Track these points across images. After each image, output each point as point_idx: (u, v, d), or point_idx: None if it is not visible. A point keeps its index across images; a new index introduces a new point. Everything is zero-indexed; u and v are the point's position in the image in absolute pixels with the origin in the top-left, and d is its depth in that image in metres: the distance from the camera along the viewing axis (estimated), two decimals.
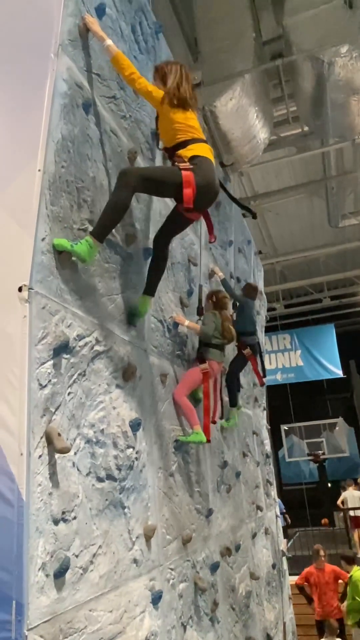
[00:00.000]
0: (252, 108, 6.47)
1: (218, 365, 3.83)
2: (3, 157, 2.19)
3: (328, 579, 6.72)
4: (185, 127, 2.69)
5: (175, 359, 3.57)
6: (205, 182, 2.55)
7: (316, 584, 6.76)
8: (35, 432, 1.86)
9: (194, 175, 2.51)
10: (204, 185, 2.55)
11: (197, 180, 2.52)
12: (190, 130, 2.70)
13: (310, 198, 9.97)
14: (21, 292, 1.97)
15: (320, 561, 6.85)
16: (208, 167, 2.61)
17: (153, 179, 2.56)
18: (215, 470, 4.14)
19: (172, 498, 3.09)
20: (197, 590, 3.21)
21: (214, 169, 2.66)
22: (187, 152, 2.61)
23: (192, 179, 2.49)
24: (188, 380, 3.54)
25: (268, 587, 5.58)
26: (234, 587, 4.14)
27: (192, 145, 2.64)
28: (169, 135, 2.75)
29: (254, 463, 5.81)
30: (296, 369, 14.06)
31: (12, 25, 2.39)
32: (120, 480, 2.45)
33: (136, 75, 2.63)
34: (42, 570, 1.78)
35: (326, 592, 6.69)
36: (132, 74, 2.62)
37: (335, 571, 6.79)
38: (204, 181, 2.55)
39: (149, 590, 2.55)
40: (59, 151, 2.24)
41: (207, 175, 2.57)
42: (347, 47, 5.81)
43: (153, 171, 2.74)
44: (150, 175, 2.58)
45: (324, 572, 6.77)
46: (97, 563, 2.13)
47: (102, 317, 2.53)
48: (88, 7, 2.61)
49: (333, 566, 6.88)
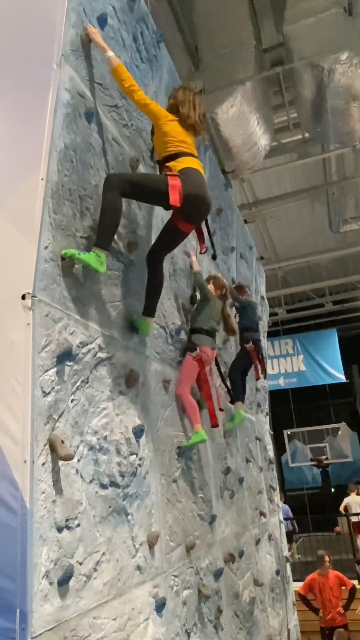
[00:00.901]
0: (253, 115, 6.51)
1: (212, 351, 3.75)
2: (7, 166, 2.21)
3: (332, 585, 6.67)
4: (177, 140, 2.72)
5: (178, 365, 3.57)
6: (194, 192, 2.56)
7: (320, 590, 6.72)
8: (39, 439, 1.87)
9: (182, 183, 2.52)
10: (194, 195, 2.56)
11: (186, 190, 2.52)
12: (182, 145, 2.71)
13: (312, 203, 10.00)
14: (24, 299, 1.98)
15: (325, 567, 6.81)
16: (198, 179, 2.61)
17: (137, 183, 2.59)
18: (219, 476, 4.13)
19: (176, 504, 3.09)
20: (200, 597, 3.20)
21: (204, 182, 2.66)
22: (176, 165, 2.63)
23: (178, 184, 2.50)
24: (186, 373, 3.48)
25: (272, 594, 5.55)
26: (238, 594, 4.13)
27: (182, 159, 2.65)
28: (161, 147, 2.77)
29: (257, 469, 5.80)
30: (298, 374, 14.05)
31: (15, 36, 2.42)
32: (124, 487, 2.45)
33: (135, 87, 2.66)
34: (46, 578, 1.78)
35: (330, 598, 6.64)
36: (132, 86, 2.65)
37: (339, 577, 6.74)
38: (194, 191, 2.56)
39: (152, 597, 2.54)
40: (62, 160, 2.26)
41: (196, 186, 2.57)
42: (347, 54, 5.85)
43: (137, 176, 2.75)
44: (133, 179, 2.61)
45: (327, 578, 6.73)
46: (101, 570, 2.13)
47: (105, 324, 2.54)
48: (90, 18, 2.63)
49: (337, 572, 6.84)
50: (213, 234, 4.28)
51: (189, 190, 2.53)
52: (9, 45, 2.40)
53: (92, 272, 2.42)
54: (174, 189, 2.49)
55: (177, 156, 2.66)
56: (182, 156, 2.66)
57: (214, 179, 5.05)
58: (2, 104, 2.33)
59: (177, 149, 2.69)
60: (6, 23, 2.43)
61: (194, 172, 2.61)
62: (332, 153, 7.94)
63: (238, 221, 6.16)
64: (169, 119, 2.77)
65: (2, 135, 2.29)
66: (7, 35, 2.41)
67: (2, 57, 2.37)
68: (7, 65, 2.36)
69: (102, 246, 2.35)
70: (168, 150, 2.70)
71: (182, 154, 2.67)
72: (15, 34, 2.41)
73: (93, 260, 2.27)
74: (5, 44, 2.40)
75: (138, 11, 3.25)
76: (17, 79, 2.34)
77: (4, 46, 2.39)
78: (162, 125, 2.73)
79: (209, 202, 2.73)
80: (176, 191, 2.49)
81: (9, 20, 2.44)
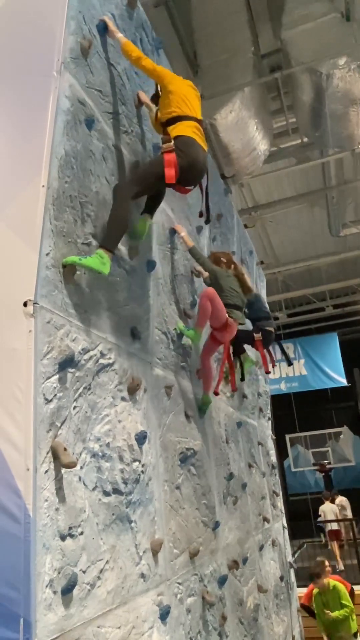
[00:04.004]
0: (251, 120, 6.53)
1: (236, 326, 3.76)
2: (7, 173, 2.22)
3: None
4: (180, 100, 2.78)
5: (180, 370, 3.57)
6: (188, 161, 2.63)
7: None
8: (42, 447, 1.86)
9: (178, 157, 2.59)
10: (188, 164, 2.63)
11: (181, 162, 2.61)
12: (183, 105, 2.77)
13: (311, 208, 10.01)
14: (26, 306, 1.98)
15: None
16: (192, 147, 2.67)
17: (142, 179, 2.65)
18: (222, 482, 4.12)
19: (179, 511, 3.07)
20: (205, 605, 3.18)
21: (198, 148, 2.70)
22: (173, 131, 2.69)
23: (173, 159, 2.58)
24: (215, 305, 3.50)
25: (276, 600, 5.51)
26: (242, 601, 4.10)
27: (181, 124, 2.71)
28: (164, 109, 2.85)
29: (260, 474, 5.78)
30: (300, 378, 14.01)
31: (15, 44, 2.43)
32: (127, 494, 2.44)
33: (142, 56, 2.81)
34: (50, 587, 1.77)
35: None
36: (139, 57, 2.80)
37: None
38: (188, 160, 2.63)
39: (156, 605, 2.52)
40: (63, 167, 2.27)
41: (190, 155, 2.64)
42: (345, 59, 5.88)
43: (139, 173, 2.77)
44: (138, 178, 2.66)
45: None
46: (105, 578, 2.12)
47: (107, 330, 2.54)
48: (90, 26, 2.65)
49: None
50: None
51: (183, 162, 2.61)
52: (10, 53, 2.41)
53: (93, 278, 2.41)
54: (169, 165, 2.57)
55: (176, 120, 2.74)
56: (182, 120, 2.73)
57: (214, 185, 5.06)
58: (2, 111, 2.33)
59: (177, 111, 2.76)
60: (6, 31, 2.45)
61: (188, 141, 2.66)
62: (331, 157, 7.95)
63: (238, 226, 6.17)
64: (176, 79, 2.87)
65: (2, 142, 2.29)
66: (7, 44, 2.42)
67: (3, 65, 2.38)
68: (8, 73, 2.37)
69: (107, 247, 2.37)
70: (169, 112, 2.78)
71: (182, 117, 2.74)
72: (15, 42, 2.43)
73: (95, 262, 2.27)
74: (5, 52, 2.41)
75: (137, 18, 3.26)
76: (17, 86, 2.34)
77: (5, 54, 2.40)
78: (168, 84, 2.83)
79: (203, 167, 2.78)
80: (171, 167, 2.57)
81: (10, 28, 2.45)
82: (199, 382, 3.94)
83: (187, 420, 3.51)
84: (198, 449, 3.60)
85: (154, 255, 3.29)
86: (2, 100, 2.34)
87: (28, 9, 2.49)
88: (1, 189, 2.18)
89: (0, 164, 2.24)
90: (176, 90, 2.80)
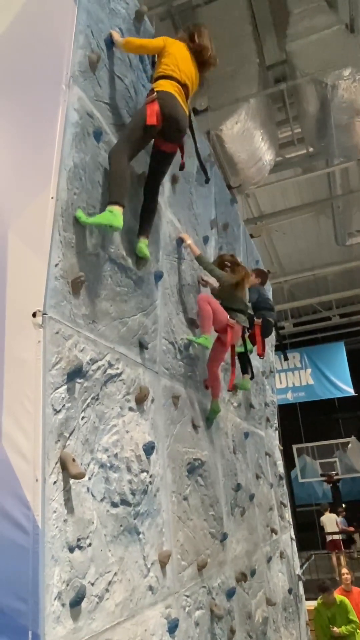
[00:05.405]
0: (257, 131, 6.57)
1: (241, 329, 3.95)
2: (17, 184, 2.24)
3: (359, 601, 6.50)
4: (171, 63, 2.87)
5: (187, 380, 3.56)
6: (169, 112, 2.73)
7: None
8: (50, 457, 1.86)
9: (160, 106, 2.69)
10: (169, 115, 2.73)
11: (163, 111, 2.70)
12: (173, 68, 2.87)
13: (317, 217, 10.02)
14: (35, 317, 1.99)
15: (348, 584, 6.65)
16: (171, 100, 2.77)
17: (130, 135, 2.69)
18: (229, 493, 4.09)
19: (187, 522, 3.05)
20: (213, 618, 3.14)
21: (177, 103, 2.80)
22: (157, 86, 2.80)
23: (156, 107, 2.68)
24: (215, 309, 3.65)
25: (285, 613, 5.44)
26: (251, 614, 4.05)
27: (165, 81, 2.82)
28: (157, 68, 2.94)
29: (268, 485, 5.73)
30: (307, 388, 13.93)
31: (25, 58, 2.46)
32: (135, 505, 2.42)
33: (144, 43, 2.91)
34: (58, 600, 1.75)
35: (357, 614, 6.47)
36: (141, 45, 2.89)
37: None
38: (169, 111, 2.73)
39: (165, 618, 2.50)
40: (72, 179, 2.29)
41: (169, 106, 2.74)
42: (350, 70, 5.90)
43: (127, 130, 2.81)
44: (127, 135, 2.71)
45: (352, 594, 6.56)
46: (113, 591, 2.10)
47: (115, 340, 2.54)
48: (98, 40, 2.68)
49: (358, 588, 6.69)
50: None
51: (166, 111, 2.71)
52: (20, 66, 2.44)
53: (101, 289, 2.42)
54: (152, 111, 2.66)
55: (162, 78, 2.84)
56: (166, 79, 2.83)
57: (220, 195, 5.09)
58: (12, 124, 2.36)
59: (165, 71, 2.86)
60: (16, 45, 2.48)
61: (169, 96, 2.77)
62: (337, 167, 7.97)
63: (244, 236, 6.19)
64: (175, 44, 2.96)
65: (12, 155, 2.32)
66: (17, 57, 2.45)
67: (13, 78, 2.41)
68: (18, 86, 2.40)
69: (114, 201, 2.42)
70: (158, 72, 2.89)
71: (168, 77, 2.83)
72: (25, 56, 2.46)
73: (105, 218, 2.34)
74: (15, 66, 2.44)
75: (144, 32, 3.30)
76: (27, 99, 2.37)
77: (15, 68, 2.43)
78: (169, 46, 2.93)
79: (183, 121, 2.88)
80: (153, 113, 2.66)
81: (19, 42, 2.49)
82: (206, 392, 3.93)
83: (194, 430, 3.49)
84: (205, 460, 3.58)
85: (161, 266, 3.30)
86: (12, 113, 2.36)
87: (38, 24, 2.53)
88: (11, 201, 2.20)
89: (11, 175, 2.26)
90: (173, 53, 2.91)
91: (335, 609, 6.07)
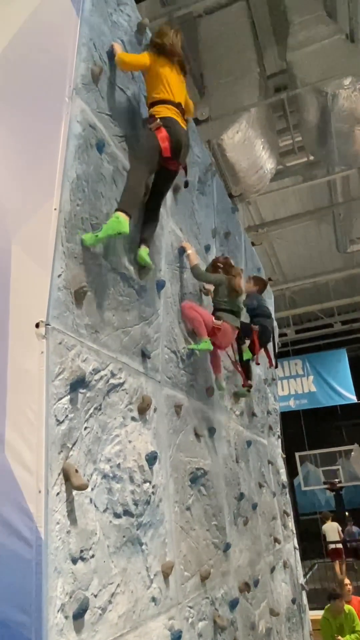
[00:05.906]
0: (258, 140, 6.60)
1: (232, 330, 3.92)
2: (21, 196, 2.25)
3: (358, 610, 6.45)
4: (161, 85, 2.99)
5: (189, 389, 3.56)
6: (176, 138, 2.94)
7: None
8: (53, 468, 1.86)
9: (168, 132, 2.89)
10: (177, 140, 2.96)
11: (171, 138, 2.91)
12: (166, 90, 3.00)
13: (318, 224, 10.04)
14: (38, 328, 1.99)
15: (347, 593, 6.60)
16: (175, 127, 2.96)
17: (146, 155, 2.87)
18: (232, 503, 4.07)
19: (189, 533, 3.04)
20: (216, 629, 3.12)
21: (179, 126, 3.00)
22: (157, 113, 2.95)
23: (165, 134, 2.89)
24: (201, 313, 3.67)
25: (288, 624, 5.40)
26: (254, 625, 4.02)
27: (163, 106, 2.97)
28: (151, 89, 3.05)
29: (271, 494, 5.70)
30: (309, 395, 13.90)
31: (28, 70, 2.49)
32: (137, 516, 2.42)
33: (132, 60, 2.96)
34: (62, 612, 1.75)
35: None
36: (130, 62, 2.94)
37: None
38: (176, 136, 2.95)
39: (168, 630, 2.48)
40: (74, 190, 2.30)
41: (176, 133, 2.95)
42: (350, 79, 5.95)
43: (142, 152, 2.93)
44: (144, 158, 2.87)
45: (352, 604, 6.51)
46: (116, 603, 2.09)
47: (117, 349, 2.54)
48: (100, 52, 2.71)
49: None
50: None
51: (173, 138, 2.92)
52: (23, 79, 2.46)
53: (103, 299, 2.43)
54: (164, 141, 2.88)
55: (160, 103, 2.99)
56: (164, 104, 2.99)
57: (222, 203, 5.11)
58: (16, 136, 2.38)
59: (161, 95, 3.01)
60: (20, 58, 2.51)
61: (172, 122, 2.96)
62: (338, 175, 8.00)
63: (246, 244, 6.20)
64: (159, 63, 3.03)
65: (16, 166, 2.34)
66: (20, 70, 2.48)
67: (16, 91, 2.43)
68: (21, 99, 2.42)
69: (123, 209, 2.48)
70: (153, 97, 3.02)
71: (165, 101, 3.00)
72: (28, 69, 2.48)
73: (111, 226, 2.39)
74: (19, 78, 2.47)
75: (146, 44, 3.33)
76: (30, 112, 2.39)
77: (18, 80, 2.46)
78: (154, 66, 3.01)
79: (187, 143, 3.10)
80: (166, 141, 2.88)
81: (23, 55, 2.51)
82: (209, 400, 3.92)
83: (196, 439, 3.49)
84: (208, 469, 3.57)
85: (163, 275, 3.31)
86: (16, 125, 2.39)
87: (41, 37, 2.56)
88: (14, 212, 2.21)
89: (14, 187, 2.27)
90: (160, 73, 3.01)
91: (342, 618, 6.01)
